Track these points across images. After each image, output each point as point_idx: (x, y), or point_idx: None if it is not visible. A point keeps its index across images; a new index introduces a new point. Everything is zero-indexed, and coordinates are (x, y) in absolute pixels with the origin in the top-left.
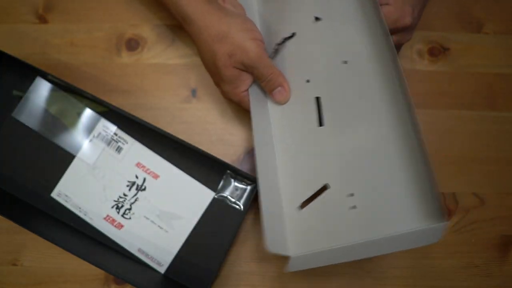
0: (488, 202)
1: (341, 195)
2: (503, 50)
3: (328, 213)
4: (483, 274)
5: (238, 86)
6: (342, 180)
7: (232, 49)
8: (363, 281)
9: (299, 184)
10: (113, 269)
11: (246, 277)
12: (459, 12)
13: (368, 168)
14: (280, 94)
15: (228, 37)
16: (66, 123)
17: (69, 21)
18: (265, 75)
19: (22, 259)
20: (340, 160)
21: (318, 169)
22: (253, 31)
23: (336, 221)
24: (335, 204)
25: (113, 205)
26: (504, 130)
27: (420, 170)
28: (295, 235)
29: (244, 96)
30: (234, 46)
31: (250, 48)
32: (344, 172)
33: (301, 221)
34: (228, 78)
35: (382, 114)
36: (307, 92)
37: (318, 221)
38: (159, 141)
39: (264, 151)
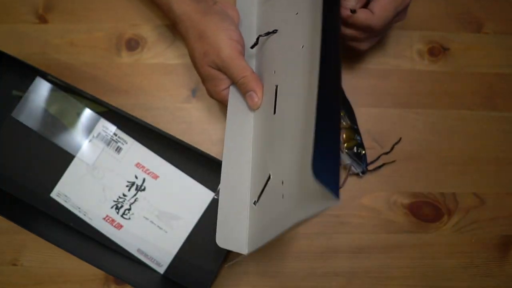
0: (488, 202)
1: (276, 184)
2: (503, 50)
3: (269, 205)
4: (483, 274)
5: (217, 84)
6: (278, 168)
7: (207, 49)
8: (363, 281)
9: (257, 178)
10: (113, 269)
11: (245, 277)
12: (459, 12)
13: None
14: (250, 98)
15: (204, 37)
16: (66, 123)
17: (69, 21)
18: (236, 78)
19: (22, 259)
20: (279, 146)
21: (267, 159)
22: (229, 31)
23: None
24: (272, 195)
25: (112, 205)
26: (504, 130)
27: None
28: (253, 231)
29: (225, 95)
30: (208, 45)
31: (222, 48)
32: (279, 159)
33: (255, 216)
34: (206, 77)
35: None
36: (272, 82)
37: (265, 214)
38: (159, 141)
39: (233, 149)
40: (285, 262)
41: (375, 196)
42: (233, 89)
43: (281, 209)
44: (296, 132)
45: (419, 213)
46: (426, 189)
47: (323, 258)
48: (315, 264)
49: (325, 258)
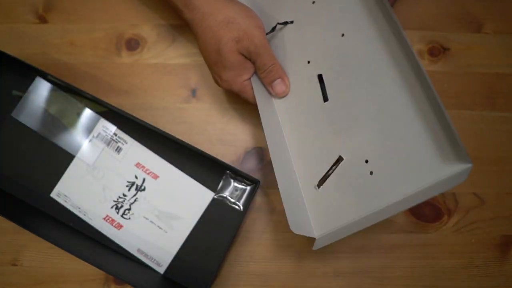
0: (488, 202)
1: (356, 164)
2: (503, 50)
3: (346, 185)
4: (483, 274)
5: (241, 74)
6: (354, 149)
7: (239, 35)
8: (363, 281)
9: (313, 163)
10: (113, 269)
11: (245, 277)
12: (459, 12)
13: (377, 130)
14: (279, 86)
15: (235, 23)
16: (66, 123)
17: (69, 21)
18: (267, 65)
19: (22, 259)
20: (349, 129)
21: (329, 143)
22: (256, 19)
23: (356, 191)
24: (352, 174)
25: (112, 205)
26: (504, 130)
27: (431, 117)
28: (317, 214)
29: (246, 85)
30: (240, 31)
31: (256, 35)
32: (355, 141)
33: (321, 199)
34: (232, 65)
35: (383, 75)
36: (308, 72)
37: (338, 195)
38: (159, 141)
39: (274, 137)
40: (285, 262)
41: None
42: (255, 80)
43: (374, 186)
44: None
45: (419, 213)
46: None
47: (323, 258)
48: (315, 264)
49: (325, 258)
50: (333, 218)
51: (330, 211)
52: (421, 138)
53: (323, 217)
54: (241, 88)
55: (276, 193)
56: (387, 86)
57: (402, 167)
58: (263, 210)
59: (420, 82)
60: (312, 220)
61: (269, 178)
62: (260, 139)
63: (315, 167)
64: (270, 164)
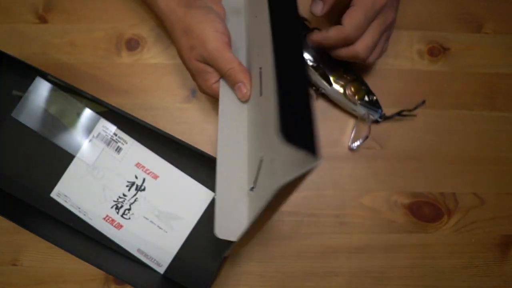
0: (488, 202)
1: (269, 164)
2: (503, 50)
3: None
4: (483, 274)
5: (207, 78)
6: (268, 149)
7: (193, 42)
8: (363, 281)
9: (253, 164)
10: (113, 269)
11: (245, 277)
12: (459, 12)
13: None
14: (239, 90)
15: (189, 30)
16: (66, 123)
17: (69, 21)
18: (224, 69)
19: (22, 259)
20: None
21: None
22: (215, 23)
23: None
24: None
25: (112, 205)
26: (504, 130)
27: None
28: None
29: (216, 89)
30: (194, 39)
31: (208, 40)
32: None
33: (253, 202)
34: (194, 72)
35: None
36: (256, 65)
37: (257, 197)
38: (159, 141)
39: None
40: (285, 262)
41: (375, 196)
42: (223, 82)
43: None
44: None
45: (419, 213)
46: (426, 189)
47: (323, 258)
48: (315, 264)
49: (325, 258)
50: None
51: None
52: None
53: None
54: (212, 92)
55: None
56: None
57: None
58: None
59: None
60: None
61: None
62: None
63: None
64: None
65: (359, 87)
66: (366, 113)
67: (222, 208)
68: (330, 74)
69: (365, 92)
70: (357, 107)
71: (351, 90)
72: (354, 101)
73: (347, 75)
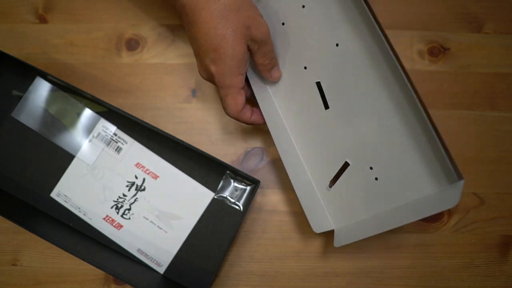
0: (488, 202)
1: (362, 169)
2: (503, 50)
3: (355, 187)
4: (483, 274)
5: (240, 66)
6: (359, 156)
7: (249, 22)
8: (363, 281)
9: (321, 165)
10: (113, 269)
11: (245, 277)
12: (459, 12)
13: (379, 141)
14: (277, 71)
15: (243, 9)
16: (66, 123)
17: (69, 21)
18: (272, 52)
19: (22, 259)
20: (352, 137)
21: (335, 148)
22: (257, 8)
23: (364, 193)
24: (359, 179)
25: (112, 205)
26: (504, 130)
27: (426, 136)
28: (333, 212)
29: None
30: (250, 18)
31: (263, 23)
32: (358, 148)
33: (333, 198)
34: (235, 55)
35: (379, 91)
36: (306, 78)
37: (349, 196)
38: (159, 141)
39: (282, 139)
40: (285, 262)
41: None
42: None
43: (379, 191)
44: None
45: None
46: None
47: (323, 258)
48: (315, 264)
49: (325, 258)
50: (347, 215)
51: (343, 209)
52: (415, 158)
53: (339, 214)
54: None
55: (276, 193)
56: (384, 102)
57: (401, 180)
58: (263, 210)
59: (408, 102)
60: (330, 216)
61: (269, 178)
62: (260, 139)
63: (325, 170)
64: (270, 164)
65: None
66: None
67: (309, 208)
68: None
69: None
70: None
71: None
72: None
73: None
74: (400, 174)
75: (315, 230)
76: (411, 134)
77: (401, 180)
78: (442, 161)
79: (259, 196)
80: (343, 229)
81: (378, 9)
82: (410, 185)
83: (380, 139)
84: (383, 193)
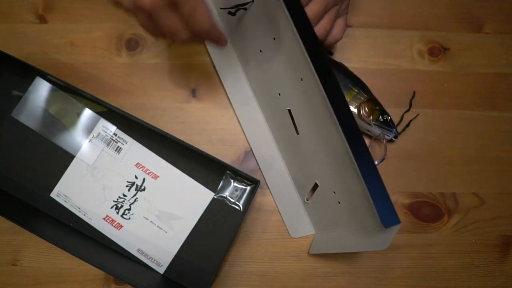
0: (488, 202)
1: (328, 191)
2: (503, 50)
3: (325, 206)
4: (483, 274)
5: None
6: (324, 180)
7: None
8: (363, 281)
9: (301, 178)
10: (113, 269)
11: (245, 277)
12: (459, 12)
13: (336, 171)
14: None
15: None
16: (66, 123)
17: (69, 21)
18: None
19: (22, 259)
20: (319, 163)
21: (307, 168)
22: None
23: (332, 212)
24: (326, 199)
25: (112, 205)
26: (504, 130)
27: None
28: (312, 219)
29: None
30: None
31: None
32: (323, 173)
33: (310, 210)
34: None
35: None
36: (281, 104)
37: (321, 211)
38: (159, 141)
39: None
40: (285, 262)
41: None
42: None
43: (339, 215)
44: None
45: (419, 213)
46: (426, 189)
47: (323, 258)
48: (315, 264)
49: (325, 258)
50: (321, 227)
51: (319, 220)
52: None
53: (316, 222)
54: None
55: None
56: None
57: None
58: (263, 210)
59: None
60: (310, 222)
61: None
62: None
63: (303, 184)
64: None
65: (373, 107)
66: (381, 133)
67: (287, 216)
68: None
69: (380, 113)
70: (372, 128)
71: (365, 110)
72: (369, 122)
73: (361, 95)
74: (355, 204)
75: (292, 235)
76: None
77: (358, 209)
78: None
79: (259, 196)
80: (320, 238)
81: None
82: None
83: (337, 171)
84: (346, 216)
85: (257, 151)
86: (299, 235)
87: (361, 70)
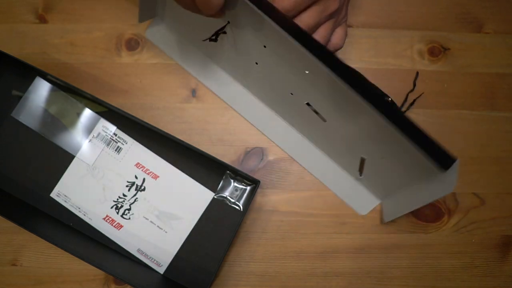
0: (488, 202)
1: (377, 160)
2: (503, 50)
3: (379, 173)
4: (483, 274)
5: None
6: (369, 151)
7: None
8: (363, 281)
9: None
10: (113, 269)
11: (245, 277)
12: (459, 12)
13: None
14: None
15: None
16: (66, 123)
17: (69, 21)
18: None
19: (21, 259)
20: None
21: (348, 149)
22: None
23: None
24: (379, 167)
25: (112, 205)
26: (504, 130)
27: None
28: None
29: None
30: None
31: None
32: (367, 146)
33: (368, 182)
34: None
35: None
36: (297, 101)
37: (378, 179)
38: (159, 141)
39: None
40: (285, 262)
41: None
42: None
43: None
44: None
45: (419, 213)
46: None
47: (323, 258)
48: (315, 264)
49: (325, 258)
50: (385, 192)
51: (380, 188)
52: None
53: (377, 192)
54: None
55: (276, 193)
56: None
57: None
58: (263, 210)
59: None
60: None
61: (269, 178)
62: (260, 139)
63: (350, 162)
64: (270, 164)
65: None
66: None
67: (347, 196)
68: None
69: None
70: None
71: None
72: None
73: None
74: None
75: (361, 212)
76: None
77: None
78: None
79: (259, 196)
80: (388, 204)
81: (379, 9)
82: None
83: (379, 139)
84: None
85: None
86: (368, 210)
87: (361, 70)
